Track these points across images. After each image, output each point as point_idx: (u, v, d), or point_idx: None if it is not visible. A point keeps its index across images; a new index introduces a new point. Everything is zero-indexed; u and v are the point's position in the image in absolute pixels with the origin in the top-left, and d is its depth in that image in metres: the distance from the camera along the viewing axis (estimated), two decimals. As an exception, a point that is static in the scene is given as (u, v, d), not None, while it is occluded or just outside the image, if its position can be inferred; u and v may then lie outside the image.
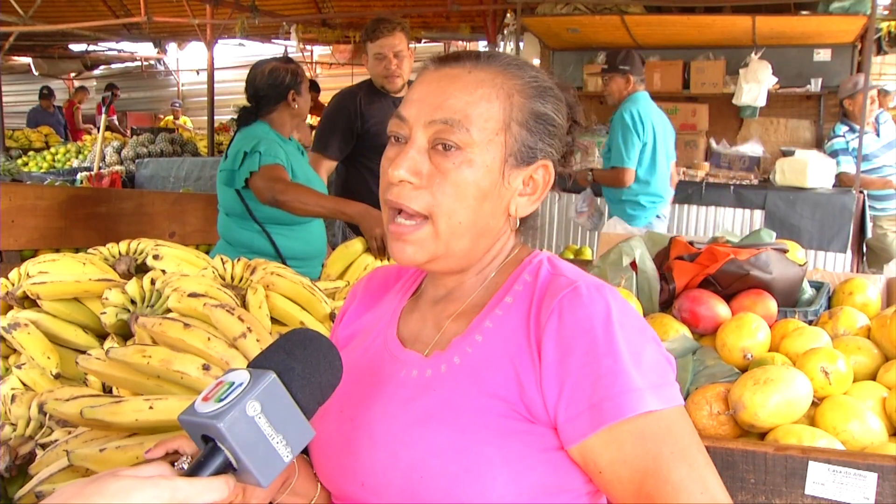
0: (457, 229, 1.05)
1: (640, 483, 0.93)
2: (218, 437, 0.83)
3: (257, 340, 1.44)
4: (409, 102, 1.08)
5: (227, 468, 0.84)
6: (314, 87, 8.25)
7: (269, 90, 3.12)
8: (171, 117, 13.45)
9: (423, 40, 11.34)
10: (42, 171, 9.17)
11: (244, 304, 1.84)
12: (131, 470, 0.80)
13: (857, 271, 5.53)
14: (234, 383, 0.86)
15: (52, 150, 9.96)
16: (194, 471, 0.83)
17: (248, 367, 0.90)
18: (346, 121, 3.57)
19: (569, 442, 0.96)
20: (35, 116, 12.51)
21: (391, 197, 1.05)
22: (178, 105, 14.13)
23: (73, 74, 15.72)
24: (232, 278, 2.02)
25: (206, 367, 1.37)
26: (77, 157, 9.59)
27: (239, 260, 2.07)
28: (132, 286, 1.86)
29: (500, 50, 8.42)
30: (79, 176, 8.04)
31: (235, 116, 3.37)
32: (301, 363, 0.90)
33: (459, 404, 1.00)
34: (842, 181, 5.66)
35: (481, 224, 1.07)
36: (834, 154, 5.76)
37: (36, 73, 14.95)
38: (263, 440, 0.84)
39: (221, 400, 0.84)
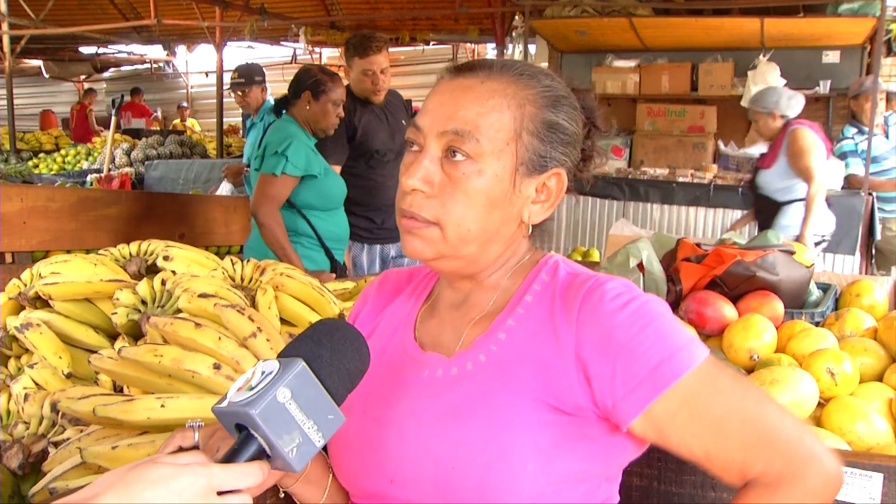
0: (466, 236, 1.07)
1: (722, 396, 0.99)
2: (251, 425, 0.85)
3: (267, 340, 1.46)
4: (424, 112, 1.10)
5: (260, 455, 0.86)
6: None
7: (292, 85, 3.44)
8: (178, 119, 13.49)
9: (432, 42, 11.37)
10: (52, 172, 9.22)
11: (254, 305, 1.86)
12: (169, 457, 0.83)
13: (866, 273, 5.51)
14: (264, 372, 0.88)
15: (63, 152, 10.03)
16: (229, 458, 0.85)
17: (278, 356, 0.92)
18: (342, 130, 3.70)
19: (635, 411, 0.99)
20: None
21: (404, 206, 1.08)
22: (184, 105, 14.16)
23: (83, 77, 15.80)
24: (242, 279, 2.03)
25: (217, 367, 1.39)
26: (87, 159, 9.65)
27: (248, 261, 2.09)
28: (143, 287, 1.87)
29: (509, 52, 8.43)
30: (89, 178, 8.08)
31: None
32: (329, 350, 0.91)
33: (488, 398, 1.03)
34: (850, 183, 5.63)
35: (491, 231, 1.09)
36: (843, 156, 5.72)
37: (47, 76, 15.05)
38: (295, 426, 0.86)
39: (252, 388, 0.86)
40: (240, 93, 5.32)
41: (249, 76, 5.29)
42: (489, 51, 11.63)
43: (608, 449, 1.04)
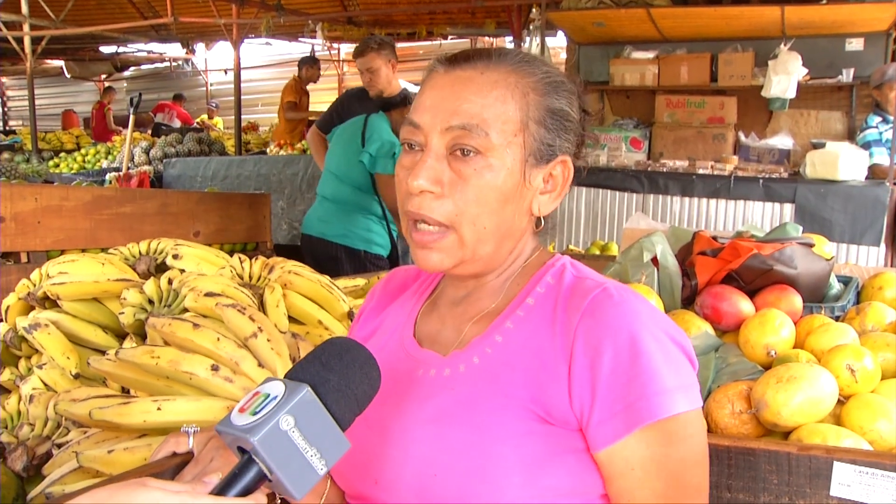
0: (482, 235, 1.04)
1: (667, 480, 0.96)
2: (251, 450, 0.83)
3: (268, 340, 1.43)
4: (421, 109, 1.05)
5: (261, 479, 0.84)
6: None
7: (398, 95, 4.11)
8: (205, 116, 13.56)
9: (450, 37, 11.33)
10: (73, 172, 9.30)
11: (262, 303, 1.84)
12: (162, 483, 0.80)
13: (892, 265, 5.41)
14: (269, 395, 0.86)
15: (83, 151, 10.11)
16: (229, 482, 0.84)
17: (284, 377, 0.90)
18: (335, 109, 4.70)
19: (604, 442, 0.96)
20: None
21: (412, 208, 1.03)
22: (213, 105, 14.20)
23: (104, 76, 15.93)
24: (250, 277, 2.02)
25: (215, 368, 1.36)
26: (106, 158, 9.72)
27: (257, 259, 2.07)
28: (150, 286, 1.86)
29: (526, 45, 8.37)
30: (108, 176, 8.14)
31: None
32: (337, 375, 0.89)
33: (476, 404, 1.00)
34: (875, 173, 5.53)
35: (505, 227, 1.06)
36: (866, 145, 5.63)
37: (68, 76, 15.19)
38: (297, 454, 0.84)
39: (256, 413, 0.84)
40: None
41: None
42: (507, 44, 11.57)
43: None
